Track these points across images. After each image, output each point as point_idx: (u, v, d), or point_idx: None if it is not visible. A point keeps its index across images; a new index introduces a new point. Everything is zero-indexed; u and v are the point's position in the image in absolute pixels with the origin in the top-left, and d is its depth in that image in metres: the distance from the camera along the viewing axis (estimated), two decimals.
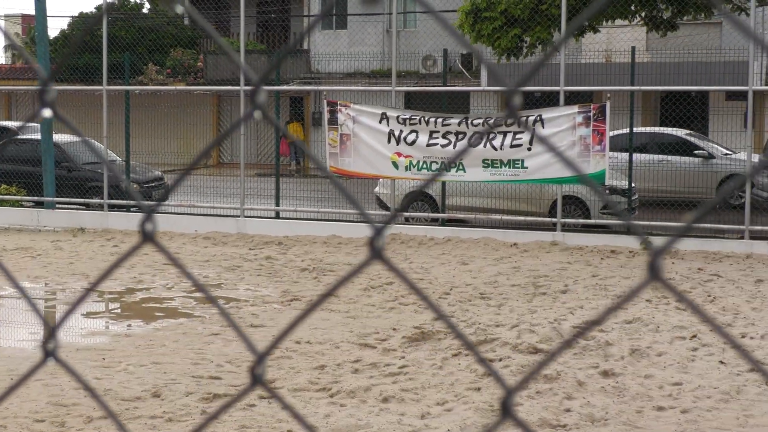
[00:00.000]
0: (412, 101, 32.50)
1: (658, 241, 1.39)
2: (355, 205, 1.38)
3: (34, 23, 23.65)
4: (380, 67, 41.08)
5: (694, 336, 10.97)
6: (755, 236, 18.05)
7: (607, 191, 19.71)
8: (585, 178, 1.62)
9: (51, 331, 1.70)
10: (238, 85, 21.41)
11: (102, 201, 21.32)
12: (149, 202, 22.52)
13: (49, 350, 1.72)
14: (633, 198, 19.65)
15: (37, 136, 22.62)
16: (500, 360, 10.08)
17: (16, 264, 16.24)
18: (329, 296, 1.26)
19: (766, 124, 31.85)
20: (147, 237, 1.52)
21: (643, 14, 23.50)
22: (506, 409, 1.18)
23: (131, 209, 21.78)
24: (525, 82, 1.27)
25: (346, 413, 8.33)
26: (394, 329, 11.52)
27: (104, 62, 21.35)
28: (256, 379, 1.48)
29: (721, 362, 9.95)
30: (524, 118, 18.18)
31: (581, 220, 19.41)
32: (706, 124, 33.79)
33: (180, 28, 42.65)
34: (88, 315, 12.72)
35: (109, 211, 21.34)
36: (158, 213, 21.28)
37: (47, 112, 1.75)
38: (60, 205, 22.12)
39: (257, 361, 1.46)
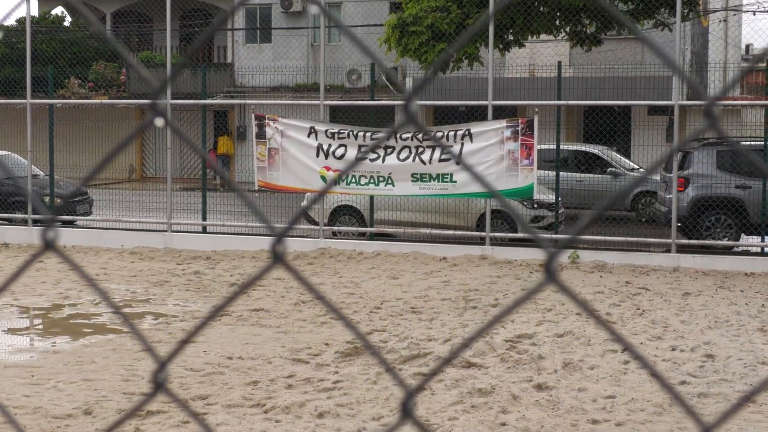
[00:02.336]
0: (337, 115, 32.50)
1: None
2: (259, 216, 1.36)
3: None
4: (305, 81, 41.06)
5: (626, 349, 11.06)
6: (682, 250, 18.28)
7: (535, 205, 19.88)
8: (499, 196, 1.61)
9: None
10: (163, 99, 21.20)
11: (26, 216, 21.03)
12: (69, 217, 22.28)
13: None
14: (560, 212, 19.79)
15: None
16: (435, 374, 10.07)
17: None
18: (231, 302, 1.23)
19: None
20: (48, 245, 1.49)
21: (567, 29, 23.72)
22: (406, 411, 1.17)
23: (56, 224, 21.43)
24: (419, 91, 1.27)
25: (281, 429, 8.27)
26: (327, 344, 11.48)
27: (28, 75, 21.06)
28: (159, 386, 1.43)
29: (653, 375, 10.04)
30: (451, 132, 18.25)
31: (509, 234, 19.53)
32: (628, 139, 34.23)
33: (102, 41, 42.23)
34: (14, 332, 12.50)
35: (33, 226, 21.05)
36: (83, 228, 21.09)
37: None
38: None
39: (159, 367, 1.40)
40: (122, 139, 1.54)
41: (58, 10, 46.01)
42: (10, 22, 38.83)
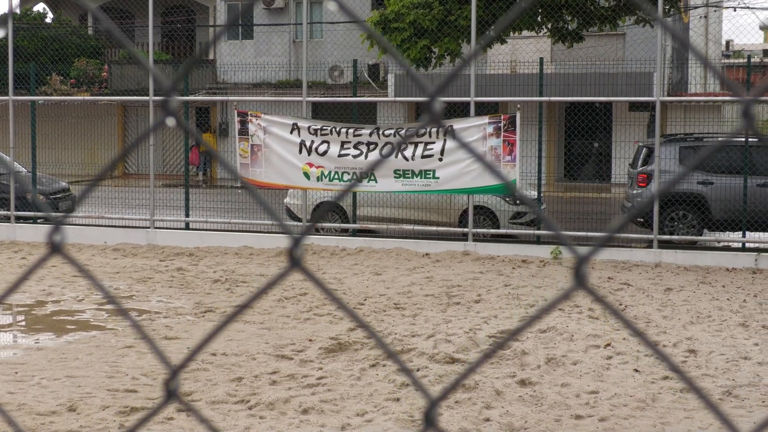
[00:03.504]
0: (319, 111, 32.47)
1: (581, 250, 1.38)
2: (274, 216, 1.34)
3: None
4: (287, 77, 41.00)
5: (608, 344, 11.09)
6: (663, 245, 18.33)
7: (518, 201, 19.89)
8: (510, 186, 1.61)
9: None
10: (144, 95, 21.16)
11: (9, 213, 20.96)
12: (57, 214, 22.18)
13: None
14: (542, 208, 19.81)
15: None
16: (418, 370, 10.09)
17: None
18: (246, 308, 1.22)
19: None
20: (55, 248, 1.45)
21: (549, 26, 23.76)
22: (429, 420, 1.16)
23: (38, 221, 21.43)
24: (442, 89, 1.27)
25: (266, 425, 8.27)
26: (311, 340, 11.47)
27: (10, 72, 20.98)
28: (171, 394, 1.42)
29: (636, 370, 10.07)
30: (446, 126, 18.23)
31: (491, 230, 19.55)
32: (610, 135, 34.28)
33: (84, 37, 42.11)
34: None
35: (16, 222, 20.99)
36: (66, 225, 21.02)
37: None
38: None
39: (171, 375, 1.39)
40: (140, 134, 1.52)
41: (40, 7, 45.84)
42: None
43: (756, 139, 19.09)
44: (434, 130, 18.23)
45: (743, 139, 19.24)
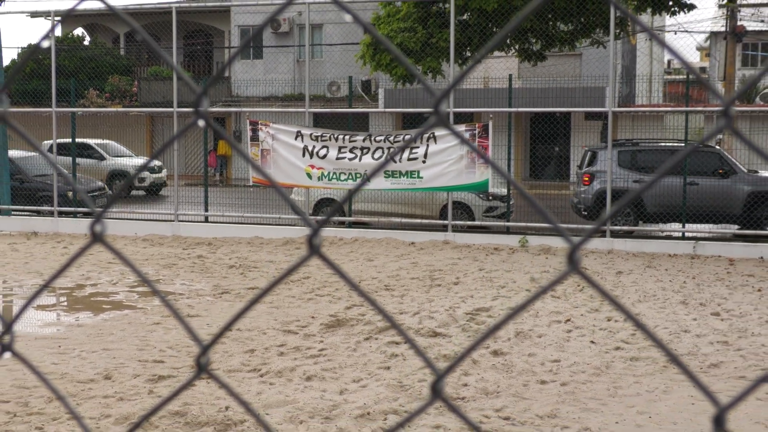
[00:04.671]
0: (320, 121, 32.43)
1: (575, 239, 1.35)
2: (297, 210, 1.32)
3: None
4: (291, 91, 40.94)
5: (568, 320, 11.10)
6: (615, 234, 18.37)
7: (490, 197, 19.90)
8: (526, 194, 1.59)
9: (7, 326, 1.57)
10: (169, 107, 21.10)
11: (52, 208, 20.95)
12: (98, 209, 22.11)
13: (5, 344, 1.57)
14: (511, 203, 19.80)
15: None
16: (405, 343, 10.06)
17: None
18: (269, 291, 1.20)
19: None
20: (96, 238, 1.41)
21: (516, 47, 23.72)
22: (437, 392, 1.13)
23: (77, 215, 21.38)
24: (448, 93, 1.23)
25: (275, 390, 8.24)
26: (313, 317, 11.45)
27: (53, 87, 20.92)
28: (201, 368, 1.39)
29: (592, 342, 10.07)
30: (432, 133, 18.19)
31: (467, 222, 19.55)
32: (568, 140, 34.29)
33: (116, 57, 42.02)
34: (44, 308, 12.40)
35: (58, 217, 20.95)
36: (106, 218, 20.98)
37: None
38: (15, 212, 21.68)
39: (202, 352, 1.37)
40: (166, 140, 1.49)
41: (79, 31, 45.69)
42: (36, 40, 38.34)
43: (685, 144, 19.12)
44: (420, 136, 18.20)
45: (677, 145, 19.42)
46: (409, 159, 18.36)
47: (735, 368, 9.09)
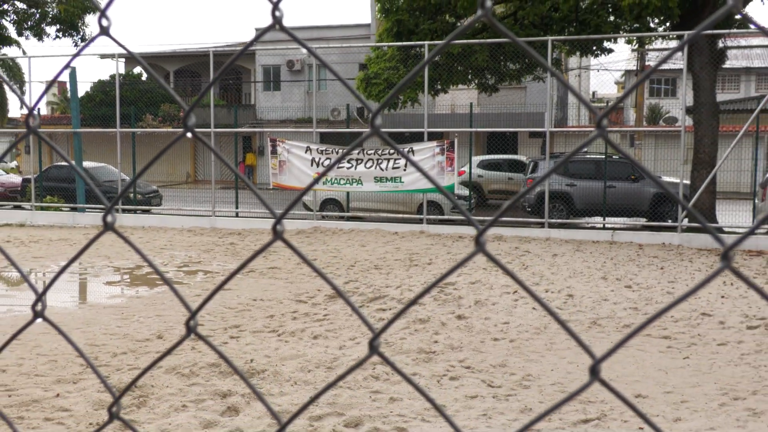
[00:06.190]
0: (324, 138, 32.34)
1: (481, 225, 1.36)
2: (265, 205, 1.30)
3: (68, 86, 22.93)
4: (302, 116, 40.84)
5: (515, 291, 11.10)
6: (552, 225, 18.39)
7: (456, 197, 19.91)
8: (443, 190, 1.59)
9: (39, 295, 1.44)
10: (207, 128, 21.05)
11: (117, 206, 20.86)
12: (149, 205, 22.02)
13: (37, 312, 1.46)
14: (471, 201, 19.80)
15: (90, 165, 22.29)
16: (390, 310, 10.06)
17: (58, 249, 15.72)
18: (241, 270, 1.17)
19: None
20: (108, 227, 1.29)
21: (476, 81, 23.68)
22: (373, 348, 1.11)
23: (137, 212, 21.29)
24: (380, 111, 1.21)
25: (289, 347, 8.23)
26: (318, 290, 11.42)
27: (117, 113, 20.83)
28: (190, 330, 1.28)
29: (533, 308, 10.08)
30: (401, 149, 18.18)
31: (438, 216, 19.55)
32: (516, 153, 34.32)
33: (167, 90, 41.83)
34: (110, 283, 12.34)
35: (122, 213, 20.86)
36: (156, 214, 20.93)
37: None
38: (88, 210, 21.58)
39: (192, 315, 1.29)
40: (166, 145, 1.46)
41: (138, 69, 45.45)
42: (105, 77, 38.26)
43: (606, 156, 19.20)
44: (403, 150, 18.17)
45: (598, 156, 19.49)
46: (393, 168, 18.35)
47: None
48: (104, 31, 1.14)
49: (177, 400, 6.41)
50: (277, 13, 0.96)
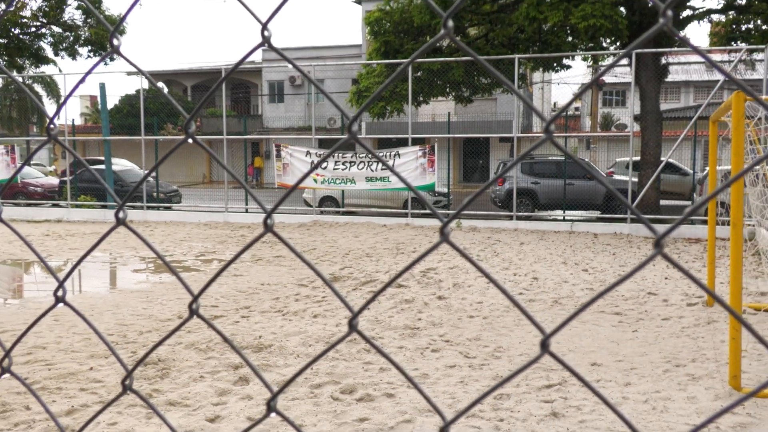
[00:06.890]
0: (322, 144, 32.31)
1: (444, 218, 1.36)
2: (255, 199, 1.28)
3: (98, 99, 22.79)
4: (303, 124, 40.73)
5: (490, 280, 11.06)
6: (519, 218, 18.41)
7: (436, 194, 19.91)
8: (411, 186, 1.58)
9: (60, 282, 1.35)
10: (221, 135, 20.95)
11: (143, 204, 20.76)
12: (171, 203, 21.87)
13: (58, 297, 1.37)
14: (450, 198, 19.81)
15: (102, 166, 22.07)
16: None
17: (91, 242, 15.62)
18: (234, 260, 1.15)
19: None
20: (120, 222, 1.23)
21: (453, 94, 23.66)
22: (352, 326, 1.08)
23: (160, 208, 21.20)
24: (356, 118, 1.19)
25: (292, 324, 8.21)
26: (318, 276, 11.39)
27: (142, 122, 20.72)
28: (193, 312, 1.21)
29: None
30: (387, 153, 18.18)
31: (421, 211, 19.55)
32: (488, 156, 34.36)
33: (186, 101, 41.62)
34: (137, 271, 12.29)
35: (147, 210, 20.76)
36: (176, 210, 20.84)
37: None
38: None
39: (194, 299, 1.21)
40: (169, 150, 1.44)
41: (160, 83, 45.20)
42: (132, 91, 37.97)
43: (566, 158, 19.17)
44: (387, 153, 18.19)
45: (559, 158, 19.50)
46: (381, 169, 18.32)
47: (597, 306, 9.15)
48: (115, 49, 1.13)
49: (195, 371, 6.39)
50: (266, 33, 0.95)
